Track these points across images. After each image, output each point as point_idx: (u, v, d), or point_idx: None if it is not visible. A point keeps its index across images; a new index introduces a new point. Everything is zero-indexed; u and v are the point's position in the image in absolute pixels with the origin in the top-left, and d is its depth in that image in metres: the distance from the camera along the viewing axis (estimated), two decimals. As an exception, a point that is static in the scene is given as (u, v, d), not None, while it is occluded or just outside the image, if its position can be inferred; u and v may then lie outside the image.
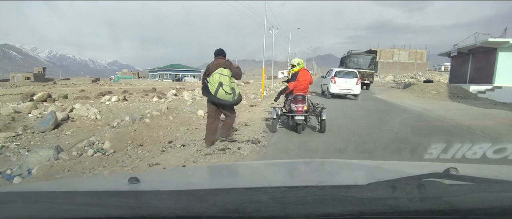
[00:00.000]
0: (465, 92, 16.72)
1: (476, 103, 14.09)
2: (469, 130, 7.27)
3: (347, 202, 0.78)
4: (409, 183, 0.84)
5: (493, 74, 18.60)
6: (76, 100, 15.75)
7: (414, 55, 69.30)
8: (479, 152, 2.16)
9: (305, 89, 6.98)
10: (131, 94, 19.19)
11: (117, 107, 11.61)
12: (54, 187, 1.18)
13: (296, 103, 6.35)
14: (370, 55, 25.09)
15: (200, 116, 9.04)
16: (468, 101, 14.74)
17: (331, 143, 5.73)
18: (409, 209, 0.77)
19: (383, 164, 1.77)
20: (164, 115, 8.73)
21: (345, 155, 4.85)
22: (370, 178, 1.06)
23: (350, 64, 23.79)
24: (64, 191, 1.02)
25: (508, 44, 17.72)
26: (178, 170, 2.80)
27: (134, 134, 6.62)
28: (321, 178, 1.36)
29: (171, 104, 10.96)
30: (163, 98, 14.22)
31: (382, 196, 0.79)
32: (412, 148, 4.86)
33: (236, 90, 5.14)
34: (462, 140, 5.86)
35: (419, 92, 17.71)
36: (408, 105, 12.77)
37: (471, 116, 9.35)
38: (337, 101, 13.62)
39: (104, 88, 28.98)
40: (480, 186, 0.86)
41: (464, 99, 15.59)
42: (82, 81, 69.09)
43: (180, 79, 72.76)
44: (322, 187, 0.97)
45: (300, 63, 7.12)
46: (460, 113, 10.25)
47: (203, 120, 8.05)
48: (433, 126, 8.17)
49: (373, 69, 24.00)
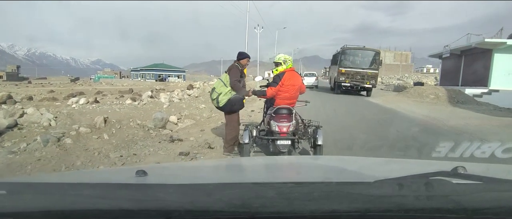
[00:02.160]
0: (465, 96, 15.73)
1: (480, 109, 13.04)
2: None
3: (353, 199, 0.77)
4: (416, 181, 0.85)
5: (488, 76, 17.80)
6: (41, 102, 14.62)
7: (399, 57, 69.90)
8: (488, 151, 2.12)
9: (293, 99, 4.69)
10: (105, 96, 17.88)
11: (81, 111, 10.11)
12: (63, 179, 1.27)
13: (278, 120, 4.29)
14: (372, 51, 18.86)
15: (152, 133, 6.94)
16: (471, 107, 13.70)
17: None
18: (416, 207, 0.76)
19: (390, 162, 1.78)
20: (98, 131, 6.59)
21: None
22: (377, 175, 1.01)
23: (345, 62, 18.67)
24: (73, 183, 1.05)
25: (505, 45, 17.00)
26: (185, 164, 2.77)
27: (37, 165, 4.74)
28: (327, 175, 1.34)
29: (129, 111, 9.51)
30: (138, 100, 12.83)
31: (389, 193, 0.80)
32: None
33: (220, 96, 4.82)
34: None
35: (416, 96, 16.56)
36: (410, 113, 11.22)
37: (492, 128, 7.95)
38: (328, 106, 12.40)
39: (78, 88, 27.29)
40: (488, 185, 0.85)
41: (465, 104, 14.61)
42: (60, 80, 66.24)
43: (163, 79, 71.43)
44: (328, 184, 0.95)
45: (287, 60, 4.70)
46: (475, 123, 8.74)
47: (151, 141, 6.25)
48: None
49: (376, 69, 18.48)
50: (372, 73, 18.39)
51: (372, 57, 18.57)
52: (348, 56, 18.90)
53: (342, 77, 18.56)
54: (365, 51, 18.93)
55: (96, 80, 68.65)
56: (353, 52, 18.95)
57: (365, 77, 18.21)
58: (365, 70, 18.27)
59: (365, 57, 18.66)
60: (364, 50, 19.01)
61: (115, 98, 16.28)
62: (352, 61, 18.62)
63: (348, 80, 18.37)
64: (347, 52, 19.01)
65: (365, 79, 18.22)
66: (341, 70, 18.64)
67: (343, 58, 18.84)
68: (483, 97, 16.78)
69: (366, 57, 18.68)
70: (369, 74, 18.27)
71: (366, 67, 18.33)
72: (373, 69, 18.42)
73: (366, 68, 18.30)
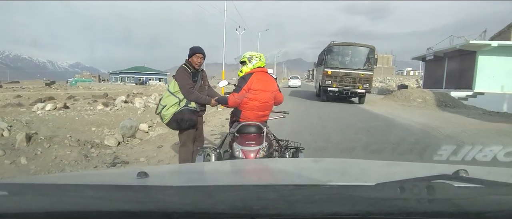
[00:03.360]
0: (452, 100, 15.33)
1: (470, 113, 12.76)
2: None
3: (355, 202, 0.78)
4: (417, 184, 0.84)
5: (472, 79, 17.65)
6: (4, 108, 13.73)
7: (381, 60, 70.67)
8: (490, 155, 2.07)
9: (265, 110, 3.39)
10: (77, 101, 16.85)
11: (43, 119, 9.16)
12: (64, 180, 1.24)
13: (243, 143, 3.05)
14: (365, 48, 15.26)
15: (93, 153, 5.48)
16: (460, 111, 13.36)
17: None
18: (417, 210, 0.76)
19: (392, 165, 1.77)
20: (15, 153, 4.97)
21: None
22: (379, 178, 1.01)
23: (332, 62, 15.26)
24: (74, 184, 1.05)
25: (490, 47, 16.83)
26: (187, 166, 2.68)
27: None
28: (329, 177, 1.31)
29: (99, 118, 8.67)
30: (111, 105, 11.93)
31: (390, 196, 0.80)
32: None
33: (164, 110, 3.54)
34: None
35: (403, 100, 15.97)
36: (399, 118, 10.47)
37: (492, 136, 7.49)
38: (311, 112, 11.61)
39: (49, 93, 25.71)
40: (490, 189, 0.86)
41: (453, 108, 14.25)
42: (35, 84, 63.59)
43: (144, 82, 70.28)
44: (330, 186, 0.95)
45: (254, 57, 3.40)
46: (471, 130, 8.24)
47: (85, 165, 4.85)
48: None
49: (370, 69, 15.02)
50: (365, 74, 14.76)
51: (365, 56, 15.02)
52: (336, 54, 15.35)
53: (328, 80, 15.10)
54: (357, 48, 15.33)
55: (72, 84, 66.28)
56: (341, 50, 15.41)
57: (357, 80, 14.74)
58: (357, 71, 14.77)
59: (357, 56, 15.19)
60: (355, 47, 15.41)
61: (87, 103, 15.55)
62: (340, 61, 15.27)
63: (335, 84, 14.96)
64: (334, 49, 15.39)
65: (357, 82, 14.75)
66: (327, 71, 15.11)
67: (329, 58, 15.28)
68: (469, 100, 16.62)
69: (357, 55, 15.19)
70: (361, 76, 14.70)
71: (358, 67, 14.88)
72: (366, 69, 14.85)
73: (357, 69, 14.82)
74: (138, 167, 3.00)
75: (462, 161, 2.14)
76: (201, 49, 3.64)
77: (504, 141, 6.98)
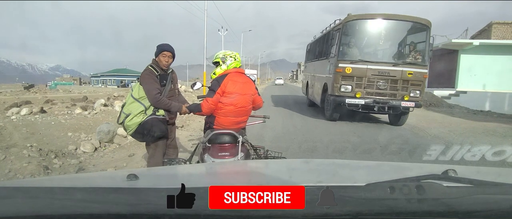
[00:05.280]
0: (436, 99, 15.33)
1: (455, 112, 12.68)
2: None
3: (345, 202, 0.77)
4: (407, 184, 0.85)
5: (455, 77, 17.87)
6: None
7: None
8: (478, 155, 2.09)
9: (242, 116, 3.02)
10: (55, 104, 16.18)
11: (16, 125, 8.64)
12: (54, 183, 1.21)
13: (215, 154, 2.69)
14: (415, 24, 8.33)
15: (56, 164, 4.96)
16: (445, 110, 13.25)
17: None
18: (407, 210, 0.76)
19: (382, 165, 1.75)
20: None
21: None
22: (369, 179, 0.99)
23: (353, 50, 8.44)
24: (64, 187, 1.03)
25: (472, 46, 17.04)
26: (177, 167, 2.60)
27: None
28: (319, 178, 1.32)
29: (76, 122, 8.26)
30: (89, 109, 11.43)
31: (380, 196, 0.80)
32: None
33: (128, 120, 2.99)
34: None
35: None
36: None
37: (479, 136, 7.30)
38: (297, 119, 9.69)
39: (26, 97, 24.69)
40: (479, 188, 0.87)
41: (437, 107, 14.17)
42: (12, 88, 61.44)
43: (126, 85, 69.42)
44: (320, 187, 0.90)
45: (227, 57, 3.05)
46: (459, 130, 7.97)
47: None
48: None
49: (422, 63, 8.24)
50: (415, 74, 8.09)
51: (414, 39, 8.50)
52: (360, 36, 8.59)
53: (347, 85, 8.23)
54: (399, 24, 8.35)
55: (52, 87, 64.54)
56: (370, 28, 8.46)
57: (400, 84, 8.13)
58: (400, 67, 8.08)
59: (398, 39, 8.53)
60: (396, 21, 8.32)
61: (65, 107, 14.79)
62: (370, 49, 8.69)
63: (361, 91, 8.17)
64: (357, 27, 8.45)
65: (400, 88, 8.14)
66: (344, 68, 8.16)
67: (347, 42, 8.47)
68: (452, 98, 16.78)
69: (399, 37, 8.54)
70: (409, 76, 8.05)
71: (401, 60, 8.29)
72: (417, 64, 8.21)
73: (401, 64, 8.17)
74: (128, 170, 2.90)
75: (451, 161, 2.12)
76: (169, 46, 3.14)
77: (492, 141, 6.97)
